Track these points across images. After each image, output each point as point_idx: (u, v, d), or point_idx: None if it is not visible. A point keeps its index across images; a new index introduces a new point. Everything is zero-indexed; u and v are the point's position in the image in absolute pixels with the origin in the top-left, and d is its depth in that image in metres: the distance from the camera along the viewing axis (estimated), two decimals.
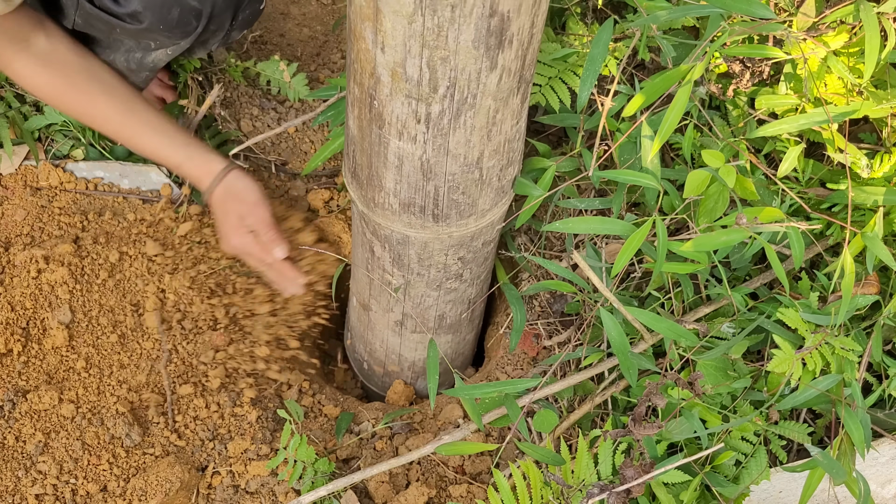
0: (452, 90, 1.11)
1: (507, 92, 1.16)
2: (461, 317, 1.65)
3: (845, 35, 1.32)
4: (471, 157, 1.23)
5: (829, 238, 1.44)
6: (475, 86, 1.11)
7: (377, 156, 1.26)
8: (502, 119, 1.20)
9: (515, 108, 1.22)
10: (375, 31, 1.07)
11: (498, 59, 1.09)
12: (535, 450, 1.37)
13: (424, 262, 1.44)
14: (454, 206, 1.31)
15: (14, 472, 1.48)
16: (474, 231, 1.39)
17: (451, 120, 1.16)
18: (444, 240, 1.38)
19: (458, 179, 1.26)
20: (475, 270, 1.53)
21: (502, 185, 1.35)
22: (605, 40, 1.19)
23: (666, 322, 1.32)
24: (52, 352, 1.60)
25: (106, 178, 1.84)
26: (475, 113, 1.16)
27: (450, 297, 1.56)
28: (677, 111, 1.12)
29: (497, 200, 1.37)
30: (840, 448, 1.33)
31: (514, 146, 1.30)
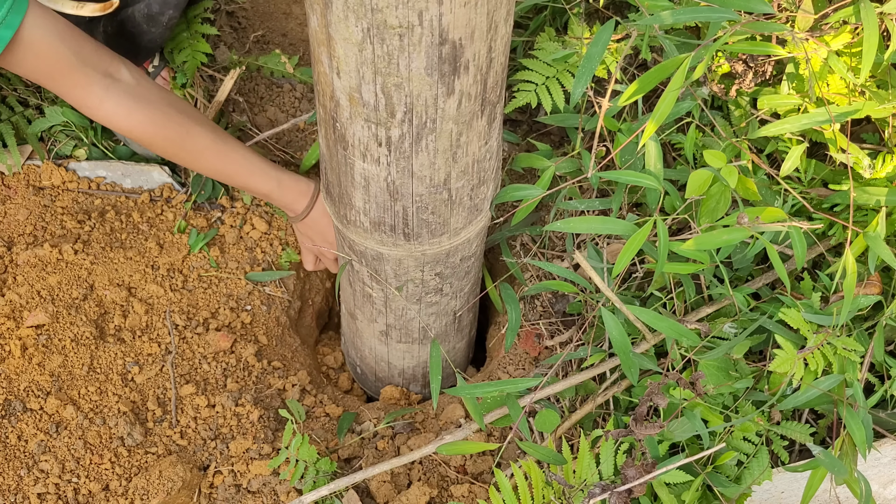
0: (410, 115, 1.11)
1: (470, 115, 1.15)
2: (446, 328, 1.65)
3: (847, 35, 1.32)
4: (437, 179, 1.23)
5: (832, 238, 1.43)
6: (433, 111, 1.11)
7: (345, 175, 1.27)
8: (467, 141, 1.19)
9: (481, 130, 1.21)
10: (330, 56, 1.08)
11: (454, 84, 1.08)
12: (536, 449, 1.37)
13: (401, 278, 1.44)
14: (424, 225, 1.30)
15: (16, 472, 1.48)
16: (448, 249, 1.38)
17: (412, 144, 1.15)
18: (417, 257, 1.38)
19: (425, 200, 1.26)
20: (456, 284, 1.53)
21: (475, 204, 1.34)
22: (604, 39, 1.19)
23: (668, 322, 1.32)
24: (55, 351, 1.61)
25: (108, 178, 1.84)
26: (437, 136, 1.15)
27: (431, 310, 1.56)
28: (671, 95, 1.12)
29: (471, 219, 1.36)
30: (842, 448, 1.33)
31: (484, 166, 1.28)
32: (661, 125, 1.19)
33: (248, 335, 1.74)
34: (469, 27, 1.02)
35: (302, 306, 1.92)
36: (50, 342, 1.61)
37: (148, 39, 1.62)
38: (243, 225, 1.83)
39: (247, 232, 1.83)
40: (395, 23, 0.98)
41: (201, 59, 1.76)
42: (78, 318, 1.64)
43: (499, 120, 1.26)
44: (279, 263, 1.83)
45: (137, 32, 1.60)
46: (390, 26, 0.99)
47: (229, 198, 1.85)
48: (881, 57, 1.30)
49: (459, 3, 0.98)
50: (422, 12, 0.98)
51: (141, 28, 1.58)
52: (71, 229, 1.77)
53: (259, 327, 1.76)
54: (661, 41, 1.32)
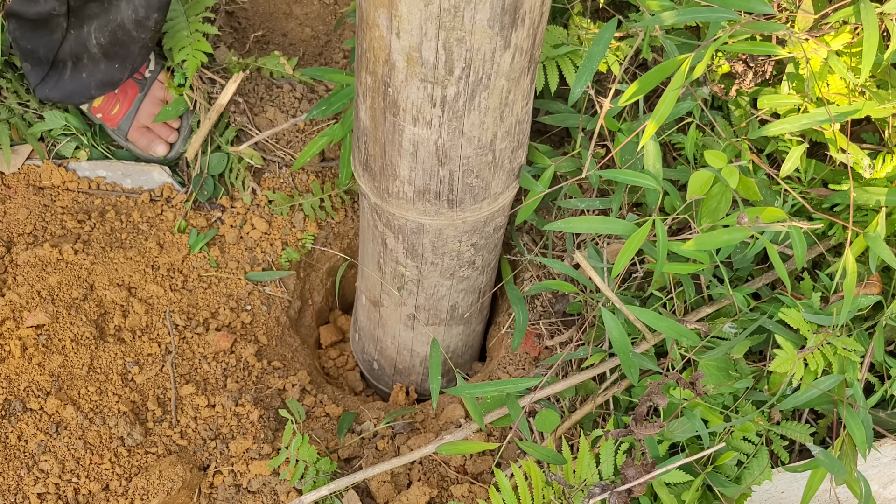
0: (468, 71, 1.12)
1: (519, 72, 1.17)
2: (472, 307, 1.65)
3: (847, 35, 1.32)
4: (485, 140, 1.24)
5: (832, 238, 1.43)
6: (490, 66, 1.12)
7: (391, 144, 1.27)
8: (514, 100, 1.21)
9: (525, 89, 1.23)
10: (391, 16, 1.08)
11: (511, 37, 1.10)
12: (536, 449, 1.37)
13: (438, 251, 1.45)
14: (468, 190, 1.32)
15: (16, 472, 1.48)
16: (487, 215, 1.40)
17: (466, 102, 1.17)
18: (458, 226, 1.39)
19: (472, 163, 1.27)
20: (486, 257, 1.54)
21: (513, 168, 1.36)
22: (606, 39, 1.19)
23: (668, 322, 1.32)
24: (55, 351, 1.61)
25: (108, 178, 1.84)
26: (489, 94, 1.17)
27: (462, 285, 1.57)
28: (672, 95, 1.12)
29: (508, 183, 1.39)
30: (842, 448, 1.33)
31: (523, 128, 1.31)
32: (662, 125, 1.19)
33: (248, 335, 1.74)
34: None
35: (302, 306, 1.92)
36: (50, 342, 1.61)
37: (140, 46, 1.65)
38: (243, 225, 1.83)
39: (247, 232, 1.83)
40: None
41: (202, 59, 1.75)
42: (78, 318, 1.64)
43: (535, 81, 1.27)
44: (279, 263, 1.83)
45: (129, 40, 1.62)
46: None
47: (229, 198, 1.85)
48: (881, 57, 1.29)
49: None
50: None
51: (131, 35, 1.61)
52: (71, 229, 1.77)
53: (259, 327, 1.76)
54: (662, 41, 1.32)
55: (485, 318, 1.79)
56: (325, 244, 1.89)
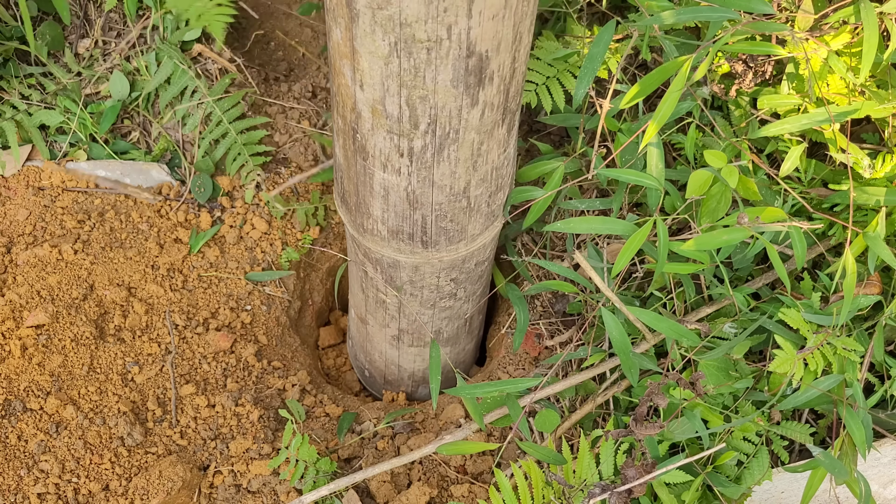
0: (434, 126, 1.11)
1: (492, 125, 1.16)
2: (458, 331, 1.65)
3: (847, 35, 1.32)
4: (457, 188, 1.23)
5: (832, 238, 1.43)
6: (457, 122, 1.11)
7: (363, 185, 1.27)
8: (488, 150, 1.20)
9: (501, 139, 1.21)
10: (353, 69, 1.08)
11: (479, 95, 1.08)
12: (536, 449, 1.37)
13: (416, 284, 1.45)
14: (443, 233, 1.31)
15: (16, 472, 1.48)
16: (465, 255, 1.39)
17: (434, 154, 1.16)
18: (434, 264, 1.38)
19: (445, 208, 1.26)
20: (469, 289, 1.53)
21: (492, 210, 1.35)
22: (605, 40, 1.19)
23: (668, 322, 1.32)
24: (55, 351, 1.60)
25: (108, 177, 1.84)
26: (459, 146, 1.16)
27: (445, 314, 1.56)
28: (673, 97, 1.12)
29: (487, 224, 1.37)
30: (841, 448, 1.33)
31: (502, 172, 1.29)
32: (662, 125, 1.19)
33: (248, 335, 1.74)
34: (496, 39, 1.02)
35: (302, 306, 1.92)
36: (50, 342, 1.61)
37: None
38: (243, 225, 1.83)
39: (247, 232, 1.83)
40: (423, 37, 0.98)
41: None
42: (78, 318, 1.64)
43: (516, 127, 1.26)
44: (279, 263, 1.83)
45: None
46: (418, 40, 0.99)
47: (229, 198, 1.85)
48: (881, 57, 1.29)
49: (488, 15, 0.98)
50: (451, 26, 0.98)
51: None
52: (71, 229, 1.76)
53: (259, 327, 1.76)
54: (662, 42, 1.32)
55: (476, 335, 1.78)
56: (324, 244, 1.89)
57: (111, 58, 1.86)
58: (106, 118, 1.84)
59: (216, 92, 1.81)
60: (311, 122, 1.92)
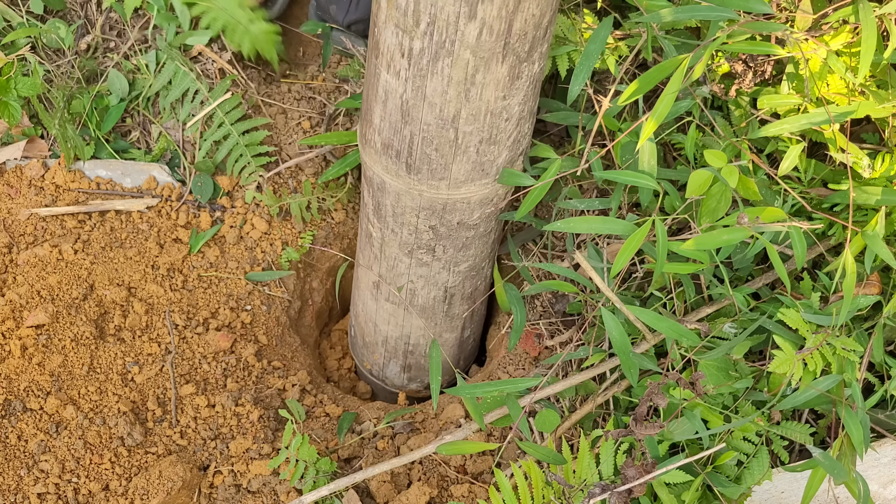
0: (432, 28, 1.15)
1: (489, 53, 1.18)
2: (434, 303, 1.65)
3: (847, 35, 1.31)
4: (447, 113, 1.26)
5: (831, 238, 1.43)
6: (453, 32, 1.15)
7: (371, 88, 1.33)
8: (483, 83, 1.22)
9: (500, 79, 1.23)
10: None
11: (478, 9, 1.12)
12: (536, 449, 1.37)
13: (398, 219, 1.47)
14: (426, 160, 1.34)
15: (16, 472, 1.48)
16: (446, 200, 1.41)
17: (429, 62, 1.20)
18: (415, 197, 1.41)
19: (432, 132, 1.29)
20: (450, 252, 1.54)
21: (481, 162, 1.36)
22: (602, 36, 1.19)
23: (668, 322, 1.32)
24: (55, 351, 1.61)
25: (109, 177, 1.84)
26: (452, 63, 1.19)
27: (421, 271, 1.57)
28: (670, 95, 1.12)
29: (474, 177, 1.38)
30: (841, 449, 1.33)
31: (498, 123, 1.30)
32: (661, 125, 1.19)
33: (248, 335, 1.74)
34: None
35: (302, 306, 1.92)
36: (50, 342, 1.61)
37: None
38: (243, 225, 1.83)
39: (247, 232, 1.83)
40: None
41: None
42: (78, 318, 1.64)
43: (526, 84, 1.27)
44: (279, 263, 1.83)
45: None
46: None
47: (229, 198, 1.85)
48: (880, 56, 1.29)
49: None
50: None
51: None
52: (71, 229, 1.77)
53: (259, 327, 1.76)
54: (661, 41, 1.32)
55: (458, 328, 1.77)
56: (325, 244, 1.89)
57: (111, 57, 1.86)
58: (109, 117, 1.84)
59: (217, 94, 1.81)
60: (311, 123, 1.92)
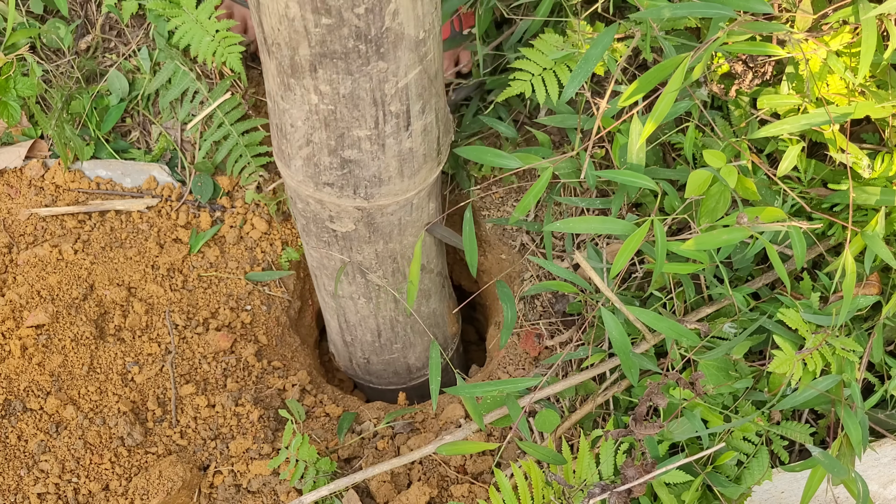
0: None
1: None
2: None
3: (847, 35, 1.31)
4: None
5: (831, 238, 1.43)
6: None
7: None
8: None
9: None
10: None
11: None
12: (536, 449, 1.37)
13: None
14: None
15: (16, 472, 1.49)
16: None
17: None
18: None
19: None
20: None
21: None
22: (605, 42, 1.19)
23: (667, 322, 1.32)
24: (55, 351, 1.61)
25: (109, 177, 1.84)
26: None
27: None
28: (670, 96, 1.12)
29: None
30: (840, 449, 1.33)
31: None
32: (661, 125, 1.19)
33: (248, 335, 1.74)
34: None
35: (302, 306, 1.92)
36: (50, 342, 1.61)
37: None
38: (243, 225, 1.83)
39: (247, 232, 1.83)
40: None
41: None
42: (78, 318, 1.64)
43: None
44: (279, 263, 1.83)
45: None
46: None
47: (229, 198, 1.85)
48: (880, 57, 1.29)
49: None
50: None
51: None
52: (71, 229, 1.77)
53: (259, 327, 1.76)
54: (661, 42, 1.32)
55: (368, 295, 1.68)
56: None
57: (110, 57, 1.86)
58: (109, 117, 1.84)
59: (217, 94, 1.81)
60: None
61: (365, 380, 1.91)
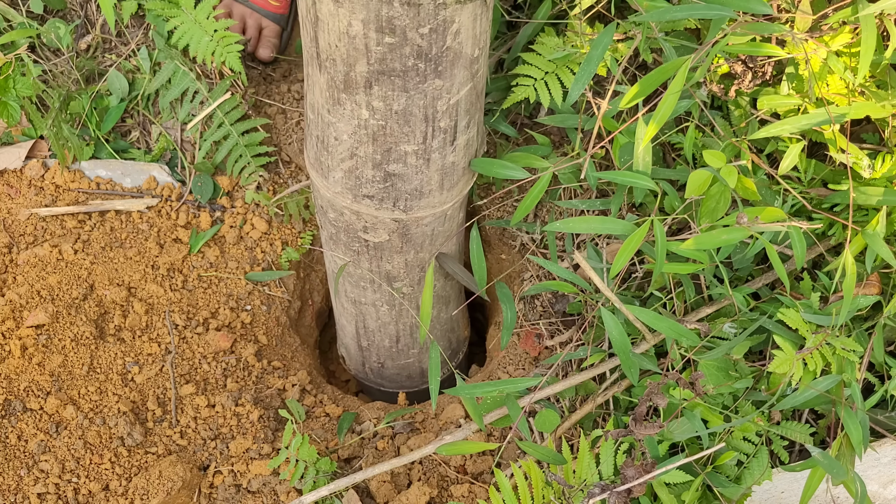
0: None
1: None
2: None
3: (847, 36, 1.32)
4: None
5: (831, 238, 1.43)
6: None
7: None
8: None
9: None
10: None
11: None
12: (536, 449, 1.37)
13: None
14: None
15: (16, 472, 1.49)
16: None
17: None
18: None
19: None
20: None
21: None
22: (605, 43, 1.19)
23: (667, 322, 1.32)
24: (55, 351, 1.61)
25: (108, 177, 1.84)
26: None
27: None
28: (672, 97, 1.12)
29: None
30: (840, 449, 1.33)
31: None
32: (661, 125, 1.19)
33: (248, 335, 1.74)
34: None
35: (302, 306, 1.92)
36: (50, 342, 1.61)
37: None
38: (243, 225, 1.83)
39: (247, 232, 1.83)
40: None
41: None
42: (78, 318, 1.64)
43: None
44: (279, 263, 1.83)
45: None
46: None
47: (229, 198, 1.85)
48: (880, 57, 1.29)
49: None
50: None
51: None
52: (71, 229, 1.77)
53: (259, 327, 1.76)
54: (661, 43, 1.32)
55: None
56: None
57: (110, 57, 1.86)
58: (109, 118, 1.84)
59: (217, 94, 1.81)
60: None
61: (376, 383, 1.91)
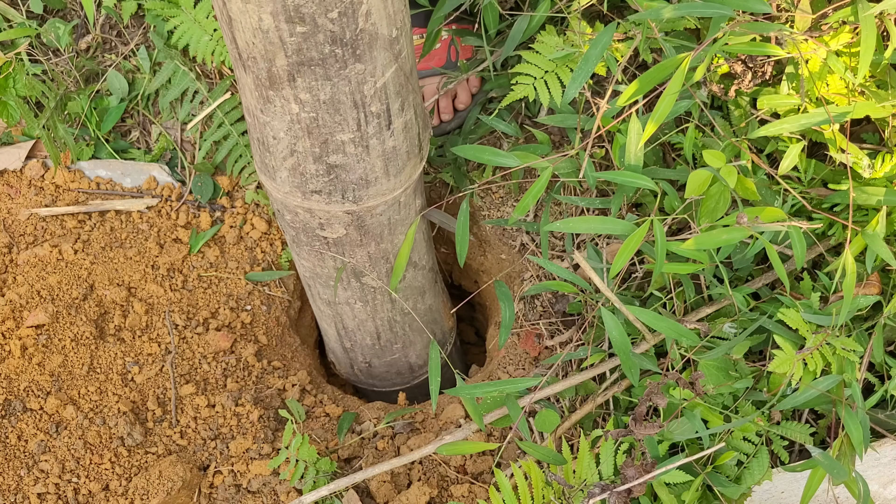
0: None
1: None
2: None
3: (847, 35, 1.32)
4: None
5: (831, 238, 1.43)
6: None
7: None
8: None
9: None
10: None
11: None
12: (536, 449, 1.37)
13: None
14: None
15: (16, 472, 1.49)
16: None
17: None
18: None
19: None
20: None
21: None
22: (604, 42, 1.19)
23: (667, 322, 1.32)
24: (55, 351, 1.61)
25: (109, 177, 1.85)
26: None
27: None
28: (671, 96, 1.12)
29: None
30: (840, 449, 1.33)
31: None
32: (661, 125, 1.19)
33: (248, 335, 1.74)
34: None
35: (302, 306, 1.92)
36: (50, 342, 1.61)
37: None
38: (243, 225, 1.83)
39: (247, 232, 1.83)
40: None
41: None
42: (78, 318, 1.64)
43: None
44: (279, 263, 1.83)
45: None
46: None
47: (229, 198, 1.85)
48: (880, 56, 1.29)
49: None
50: None
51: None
52: (71, 229, 1.77)
53: (259, 327, 1.76)
54: (661, 43, 1.32)
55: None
56: None
57: (110, 57, 1.86)
58: (109, 118, 1.84)
59: (217, 94, 1.81)
60: None
61: (368, 384, 1.91)
